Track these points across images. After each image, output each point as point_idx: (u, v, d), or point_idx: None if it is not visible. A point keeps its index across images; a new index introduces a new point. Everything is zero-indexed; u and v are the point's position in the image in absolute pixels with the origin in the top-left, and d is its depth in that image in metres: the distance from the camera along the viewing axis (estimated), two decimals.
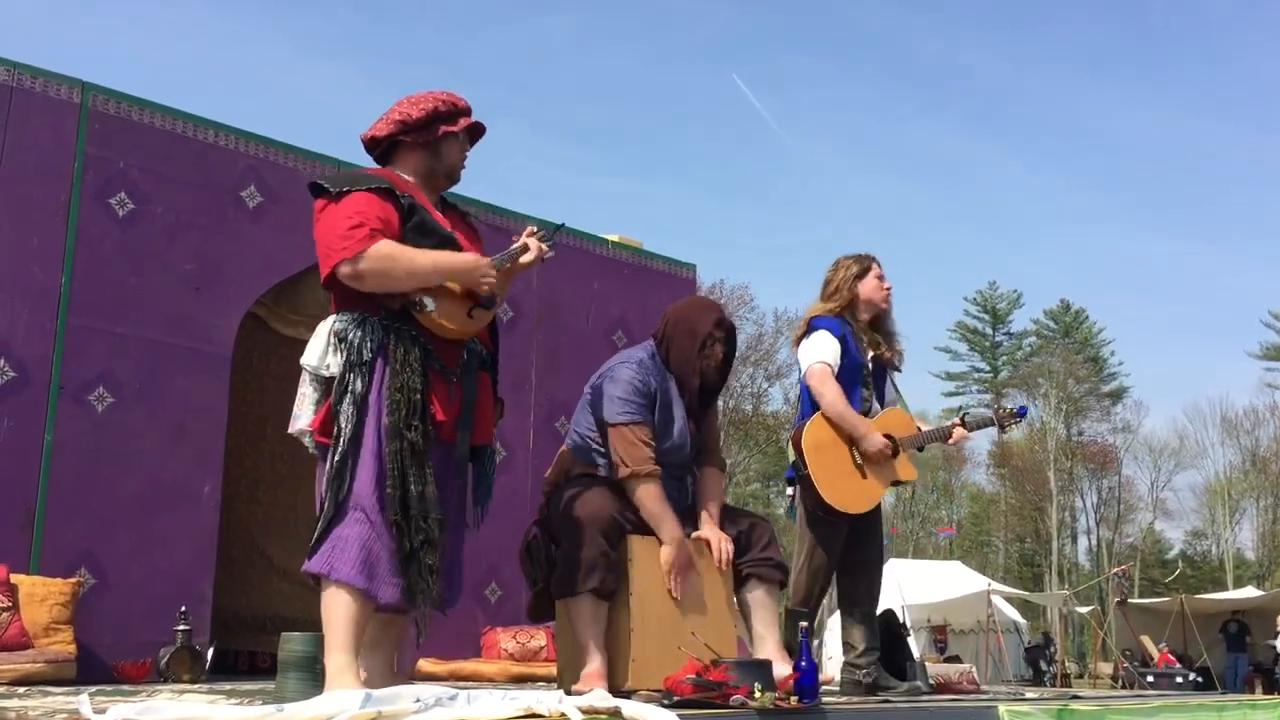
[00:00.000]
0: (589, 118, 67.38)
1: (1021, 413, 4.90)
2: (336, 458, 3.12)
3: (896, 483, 4.69)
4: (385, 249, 3.15)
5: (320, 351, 3.21)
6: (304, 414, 3.23)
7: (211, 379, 5.63)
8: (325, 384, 3.21)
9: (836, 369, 4.55)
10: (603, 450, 3.84)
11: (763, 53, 66.08)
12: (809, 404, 4.62)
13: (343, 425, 3.12)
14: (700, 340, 3.91)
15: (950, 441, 4.75)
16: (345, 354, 3.16)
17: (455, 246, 3.34)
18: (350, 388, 3.14)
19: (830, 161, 68.90)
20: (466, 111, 3.48)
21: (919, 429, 4.69)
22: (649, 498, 3.72)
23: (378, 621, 3.32)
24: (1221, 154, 65.94)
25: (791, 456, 4.58)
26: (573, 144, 67.76)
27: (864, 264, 4.77)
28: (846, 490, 4.48)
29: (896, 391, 4.87)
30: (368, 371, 3.15)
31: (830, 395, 4.49)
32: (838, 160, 69.11)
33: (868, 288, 4.74)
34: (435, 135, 3.41)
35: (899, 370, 4.89)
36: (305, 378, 3.24)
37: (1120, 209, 68.32)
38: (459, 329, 3.27)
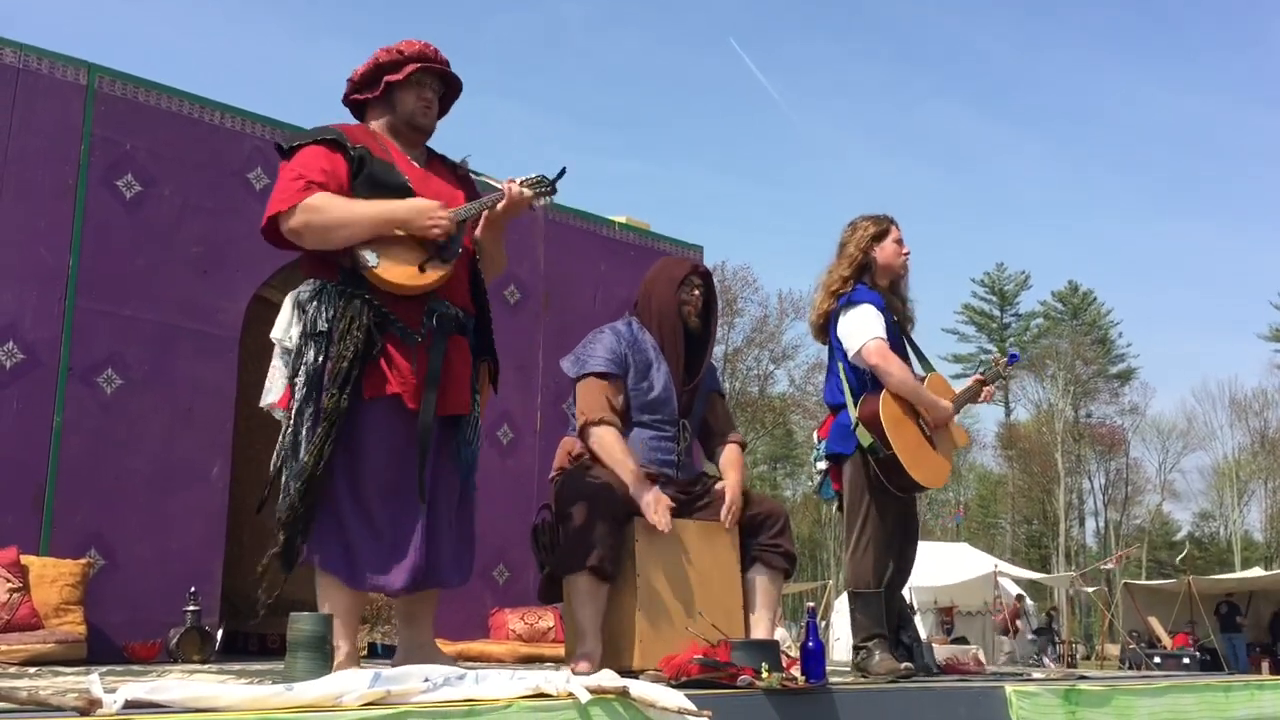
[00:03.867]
0: (597, 100, 67.21)
1: (1013, 359, 4.82)
2: (287, 430, 3.04)
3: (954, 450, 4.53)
4: (316, 200, 3.05)
5: (285, 323, 3.13)
6: (274, 388, 3.13)
7: (219, 361, 5.64)
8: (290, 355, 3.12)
9: (888, 343, 4.28)
10: None
11: (773, 34, 65.81)
12: (845, 381, 4.33)
13: (295, 398, 3.03)
14: (677, 282, 3.95)
15: (980, 400, 4.61)
16: (302, 325, 3.08)
17: (411, 197, 3.18)
18: (305, 360, 3.04)
19: (839, 143, 68.68)
20: (416, 57, 3.32)
21: (954, 392, 4.54)
22: (604, 442, 3.68)
23: (406, 597, 3.30)
24: (1232, 136, 65.57)
25: (868, 439, 4.21)
26: (581, 126, 67.56)
27: (882, 226, 4.47)
28: (927, 465, 4.28)
29: (921, 355, 4.64)
30: (323, 341, 3.05)
31: (897, 371, 4.25)
32: (847, 141, 68.90)
33: (886, 252, 4.44)
34: (383, 87, 3.32)
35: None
36: (277, 349, 3.15)
37: (1129, 190, 68.12)
38: (407, 284, 3.09)
